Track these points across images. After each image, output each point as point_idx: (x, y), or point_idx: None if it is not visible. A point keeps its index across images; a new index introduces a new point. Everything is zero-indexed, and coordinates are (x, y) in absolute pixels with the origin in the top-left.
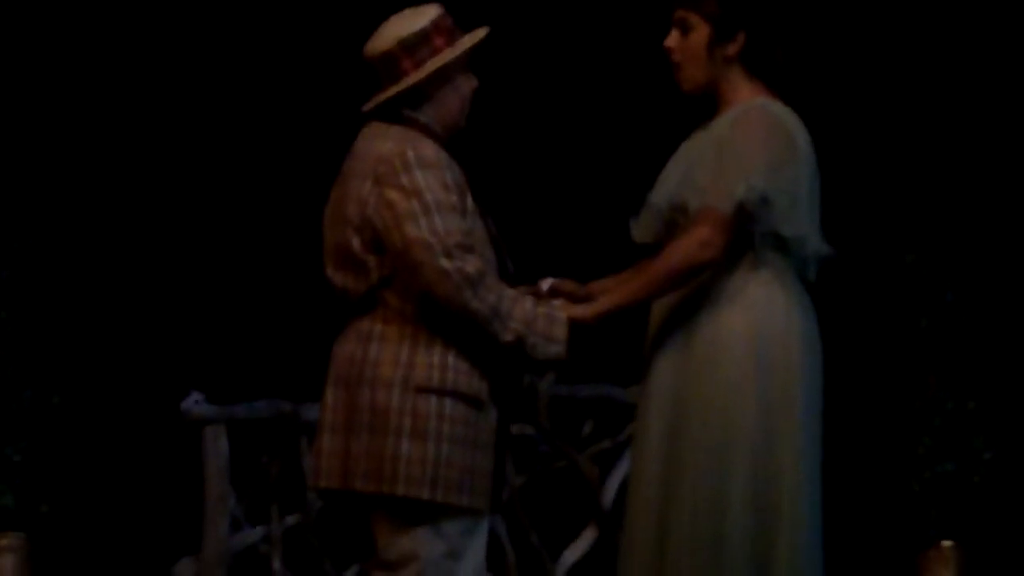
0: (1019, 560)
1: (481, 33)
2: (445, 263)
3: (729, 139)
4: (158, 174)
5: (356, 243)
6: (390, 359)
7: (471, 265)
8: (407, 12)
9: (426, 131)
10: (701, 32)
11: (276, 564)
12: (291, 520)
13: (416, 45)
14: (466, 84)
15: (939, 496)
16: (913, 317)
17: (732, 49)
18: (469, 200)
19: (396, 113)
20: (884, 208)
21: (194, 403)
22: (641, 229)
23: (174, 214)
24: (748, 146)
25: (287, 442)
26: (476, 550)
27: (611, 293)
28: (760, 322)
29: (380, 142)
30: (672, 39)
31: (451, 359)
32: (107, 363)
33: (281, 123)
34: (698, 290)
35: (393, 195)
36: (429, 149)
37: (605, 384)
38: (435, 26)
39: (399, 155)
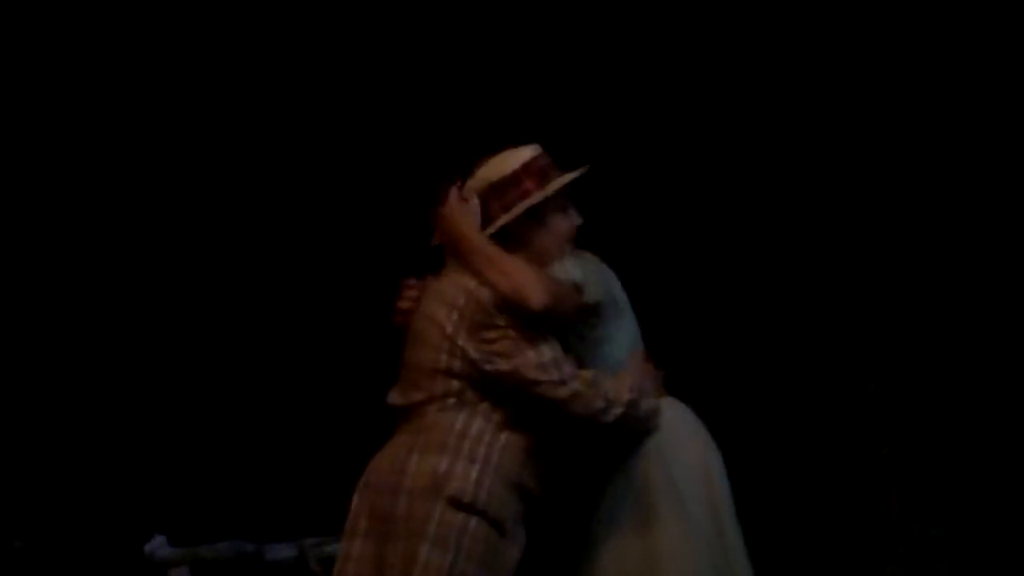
0: None
1: (572, 175)
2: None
3: None
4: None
5: (439, 360)
6: (428, 469)
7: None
8: (504, 153)
9: None
10: None
11: None
12: None
13: (505, 188)
14: (563, 223)
15: None
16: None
17: None
18: None
19: None
20: (847, 340)
21: (157, 546)
22: None
23: (136, 348)
24: None
25: None
26: None
27: None
28: None
29: (467, 278)
30: None
31: (488, 478)
32: (69, 507)
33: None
34: None
35: (491, 334)
36: None
37: None
38: (525, 168)
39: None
